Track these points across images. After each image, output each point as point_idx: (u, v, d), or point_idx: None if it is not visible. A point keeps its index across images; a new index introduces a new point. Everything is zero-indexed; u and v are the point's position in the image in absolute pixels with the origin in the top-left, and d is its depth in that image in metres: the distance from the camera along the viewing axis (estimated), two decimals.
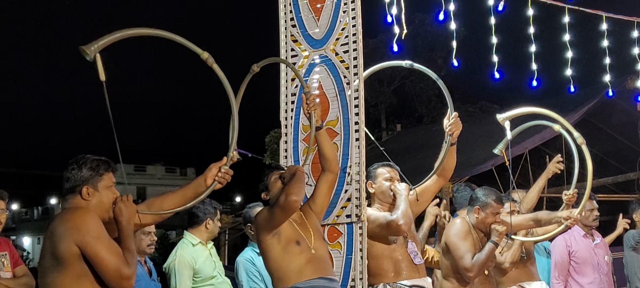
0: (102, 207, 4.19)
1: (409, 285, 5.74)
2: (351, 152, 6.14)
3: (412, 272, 5.79)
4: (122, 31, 4.24)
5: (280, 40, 6.64)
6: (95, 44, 4.11)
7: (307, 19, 6.54)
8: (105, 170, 4.25)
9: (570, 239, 7.86)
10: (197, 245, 6.58)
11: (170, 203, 4.50)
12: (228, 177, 4.55)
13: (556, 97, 16.53)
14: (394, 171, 6.15)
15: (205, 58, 4.41)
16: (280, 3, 6.66)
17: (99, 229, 4.02)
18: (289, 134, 6.49)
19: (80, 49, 4.07)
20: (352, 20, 6.31)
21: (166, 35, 4.33)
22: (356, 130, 6.17)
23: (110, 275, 3.98)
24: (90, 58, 4.07)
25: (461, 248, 6.30)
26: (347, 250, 6.04)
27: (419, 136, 20.62)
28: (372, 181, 6.14)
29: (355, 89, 6.21)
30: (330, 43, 6.38)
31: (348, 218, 6.10)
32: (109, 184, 4.25)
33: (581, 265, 7.71)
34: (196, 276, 6.46)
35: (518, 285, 6.86)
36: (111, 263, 3.96)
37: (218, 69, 4.44)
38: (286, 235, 5.04)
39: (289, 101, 6.53)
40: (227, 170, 4.54)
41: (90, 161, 4.23)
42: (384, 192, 6.06)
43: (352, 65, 6.25)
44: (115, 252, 4.01)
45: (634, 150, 14.35)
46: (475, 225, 6.48)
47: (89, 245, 3.95)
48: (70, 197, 4.19)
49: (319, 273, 5.03)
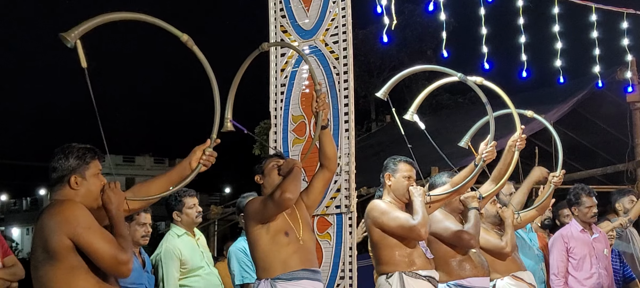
0: (90, 196, 4.18)
1: (425, 275, 5.73)
2: (341, 143, 6.13)
3: (426, 263, 5.79)
4: (102, 16, 4.21)
5: (269, 31, 6.63)
6: (75, 30, 4.07)
7: (296, 9, 6.53)
8: (91, 158, 4.22)
9: (568, 235, 7.85)
10: (182, 235, 6.56)
11: (156, 189, 4.50)
12: (212, 159, 4.52)
13: (546, 88, 16.55)
14: (413, 170, 6.02)
15: (185, 40, 4.38)
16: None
17: (89, 219, 4.00)
18: (279, 124, 6.48)
19: (60, 35, 4.04)
20: (341, 11, 6.31)
21: (146, 19, 4.31)
22: (346, 121, 6.16)
23: (107, 263, 3.96)
24: (71, 45, 4.05)
25: (451, 226, 6.27)
26: (336, 241, 6.04)
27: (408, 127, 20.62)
28: (391, 174, 5.98)
29: (345, 80, 6.20)
30: (320, 34, 6.37)
31: (337, 209, 6.10)
32: (96, 172, 4.22)
33: (579, 260, 7.70)
34: (183, 267, 6.43)
35: (511, 276, 6.87)
36: (106, 250, 3.95)
37: (198, 51, 4.42)
38: (275, 225, 5.03)
39: (278, 92, 6.52)
40: (212, 152, 4.51)
41: (77, 150, 4.20)
42: (401, 189, 5.95)
43: (341, 56, 6.25)
44: (108, 239, 3.99)
45: (623, 141, 14.34)
46: (449, 211, 6.46)
47: (82, 236, 3.93)
48: (58, 188, 4.16)
49: (304, 265, 5.04)
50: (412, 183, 5.94)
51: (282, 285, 4.92)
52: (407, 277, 5.68)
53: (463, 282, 6.28)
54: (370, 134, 24.81)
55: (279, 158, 5.34)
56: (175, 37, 4.38)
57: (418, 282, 5.68)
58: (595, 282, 7.73)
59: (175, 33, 4.38)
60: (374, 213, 5.85)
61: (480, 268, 6.40)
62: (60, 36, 4.04)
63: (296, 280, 4.96)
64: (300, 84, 6.42)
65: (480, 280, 6.37)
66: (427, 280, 5.73)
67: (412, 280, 5.68)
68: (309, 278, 5.01)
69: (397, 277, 5.69)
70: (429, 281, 5.74)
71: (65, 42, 4.06)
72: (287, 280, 4.93)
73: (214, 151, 4.54)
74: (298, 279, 4.96)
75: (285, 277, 4.94)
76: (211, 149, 4.52)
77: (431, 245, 6.33)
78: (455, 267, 6.31)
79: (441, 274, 6.36)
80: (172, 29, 4.35)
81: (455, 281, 6.29)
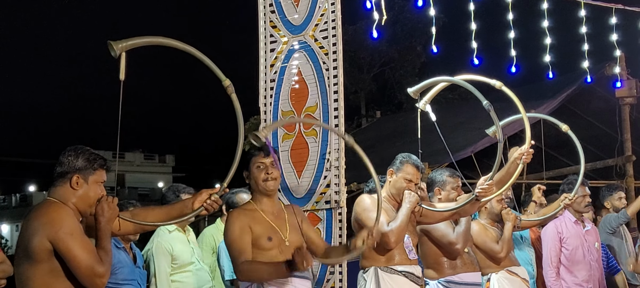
0: (86, 201, 4.18)
1: (401, 271, 5.73)
2: (330, 139, 6.14)
3: (405, 260, 5.79)
4: (153, 38, 4.34)
5: (259, 26, 6.63)
6: (124, 42, 4.18)
7: (286, 4, 6.53)
8: (99, 166, 4.25)
9: (562, 226, 7.87)
10: (173, 231, 6.56)
11: (153, 217, 4.57)
12: (216, 205, 4.59)
13: (535, 83, 16.57)
14: (418, 175, 5.97)
15: (226, 86, 4.46)
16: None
17: (73, 225, 4.00)
18: (269, 120, 6.48)
19: (108, 43, 4.13)
20: (331, 6, 6.30)
21: (194, 53, 4.37)
22: (335, 116, 6.16)
23: (82, 272, 3.96)
24: (115, 54, 4.13)
25: (440, 228, 6.30)
26: (326, 236, 6.05)
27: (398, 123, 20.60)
28: (395, 171, 5.97)
29: (335, 76, 6.20)
30: (310, 29, 6.37)
31: (327, 205, 6.11)
32: (99, 180, 4.24)
33: (572, 251, 7.72)
34: (174, 262, 6.44)
35: (506, 270, 6.91)
36: (83, 260, 3.95)
37: (235, 100, 4.49)
38: (256, 233, 4.97)
39: (268, 87, 6.51)
40: (217, 199, 4.57)
41: (89, 153, 4.23)
42: (398, 189, 5.94)
43: (331, 52, 6.25)
44: (88, 249, 4.00)
45: (612, 136, 14.39)
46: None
47: (62, 241, 3.93)
48: (59, 184, 4.17)
49: None
50: (411, 187, 5.92)
51: (271, 284, 4.91)
52: (382, 272, 5.70)
53: (454, 277, 6.32)
54: (360, 130, 24.77)
55: (265, 157, 5.15)
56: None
57: (393, 277, 5.70)
58: (587, 273, 7.77)
59: (219, 76, 4.44)
60: (356, 207, 5.88)
61: (471, 264, 6.44)
62: (108, 44, 4.12)
63: (284, 282, 4.94)
64: (290, 79, 6.42)
65: (471, 276, 6.40)
66: (404, 276, 5.74)
67: (387, 276, 5.70)
68: (296, 276, 5.00)
69: (373, 271, 5.73)
70: (405, 276, 5.74)
71: (111, 50, 4.14)
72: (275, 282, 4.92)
73: (220, 199, 4.61)
74: (285, 282, 4.95)
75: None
76: (217, 196, 4.55)
77: (422, 244, 6.36)
78: (445, 265, 6.35)
79: (432, 272, 6.39)
80: (217, 71, 4.41)
81: (446, 278, 6.32)
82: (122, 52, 4.13)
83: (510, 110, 6.61)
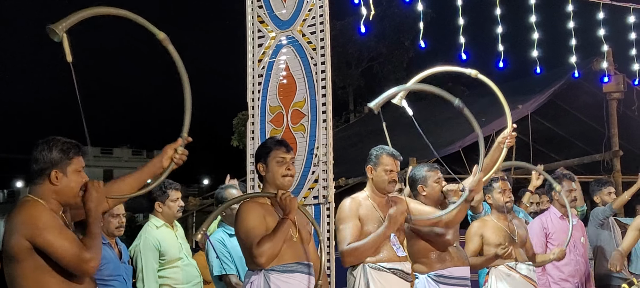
0: (69, 192, 4.13)
1: (389, 268, 5.73)
2: (319, 134, 6.13)
3: (393, 257, 5.78)
4: (87, 10, 4.24)
5: (247, 21, 6.61)
6: (63, 22, 4.09)
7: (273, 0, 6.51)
8: (75, 154, 4.17)
9: (547, 221, 7.90)
10: (161, 227, 6.55)
11: (129, 188, 4.47)
12: (184, 157, 4.53)
13: (523, 79, 16.61)
14: (397, 163, 5.96)
15: (162, 38, 4.45)
16: None
17: (47, 220, 3.95)
18: (256, 115, 6.47)
19: (48, 28, 4.05)
20: (318, 2, 6.30)
21: (128, 15, 4.37)
22: (323, 111, 6.16)
23: (69, 261, 3.93)
24: (58, 38, 4.06)
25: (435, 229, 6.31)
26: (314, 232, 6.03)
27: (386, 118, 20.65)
28: (373, 167, 5.94)
29: (322, 71, 6.20)
30: (297, 24, 6.36)
31: (315, 200, 6.10)
32: (78, 168, 4.17)
33: (558, 246, 7.74)
34: (162, 258, 6.43)
35: (506, 265, 6.92)
36: (67, 249, 3.92)
37: (173, 50, 4.48)
38: (268, 226, 4.96)
39: (255, 82, 6.50)
40: (183, 151, 4.51)
41: (61, 143, 4.14)
42: (382, 183, 5.92)
43: (319, 47, 6.24)
44: (69, 238, 3.96)
45: (600, 131, 14.45)
46: (425, 204, 6.45)
47: (39, 237, 3.90)
48: (39, 181, 4.11)
49: (298, 259, 5.01)
50: (393, 177, 5.91)
51: (276, 277, 4.90)
52: (370, 269, 5.70)
53: (443, 271, 6.32)
54: (348, 125, 24.81)
55: (286, 152, 5.15)
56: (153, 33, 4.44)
57: (382, 274, 5.70)
58: (573, 268, 7.79)
59: (153, 31, 4.44)
60: (338, 213, 5.90)
61: (459, 259, 6.44)
62: (47, 28, 4.05)
63: (289, 273, 4.94)
64: (278, 74, 6.41)
65: (460, 270, 6.41)
66: (392, 273, 5.74)
67: (376, 273, 5.70)
68: (301, 272, 5.00)
69: (361, 269, 5.73)
70: (394, 273, 5.75)
71: (52, 35, 4.09)
72: (281, 272, 4.91)
73: (186, 149, 4.55)
74: (291, 272, 4.94)
75: (279, 269, 4.91)
76: (183, 148, 4.52)
77: (410, 239, 6.35)
78: (434, 260, 6.35)
79: (421, 267, 6.39)
80: (150, 26, 4.42)
81: (435, 272, 6.32)
82: (63, 32, 4.06)
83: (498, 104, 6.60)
